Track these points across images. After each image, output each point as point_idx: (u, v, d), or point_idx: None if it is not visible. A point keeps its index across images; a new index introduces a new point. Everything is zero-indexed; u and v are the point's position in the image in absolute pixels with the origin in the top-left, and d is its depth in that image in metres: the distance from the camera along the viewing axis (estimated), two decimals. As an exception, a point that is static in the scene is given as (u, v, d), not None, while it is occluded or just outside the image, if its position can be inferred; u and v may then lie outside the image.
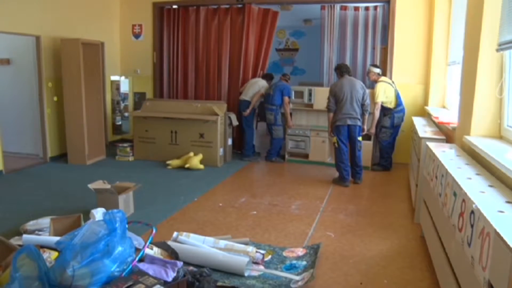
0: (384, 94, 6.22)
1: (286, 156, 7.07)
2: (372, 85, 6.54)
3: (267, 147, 7.31)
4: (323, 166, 6.68)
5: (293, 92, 6.91)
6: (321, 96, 6.61)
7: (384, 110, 6.30)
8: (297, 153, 7.01)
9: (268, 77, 7.26)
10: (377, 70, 6.47)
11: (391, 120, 6.32)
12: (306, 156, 6.92)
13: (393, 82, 6.41)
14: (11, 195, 5.03)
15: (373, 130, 6.29)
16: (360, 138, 5.69)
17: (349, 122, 5.56)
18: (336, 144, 5.67)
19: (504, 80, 3.13)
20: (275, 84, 6.97)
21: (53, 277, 2.44)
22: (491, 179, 2.49)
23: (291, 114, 6.93)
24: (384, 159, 6.51)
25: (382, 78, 6.39)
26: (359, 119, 5.61)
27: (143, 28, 8.02)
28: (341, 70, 5.75)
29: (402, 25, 6.67)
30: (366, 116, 5.79)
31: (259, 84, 7.05)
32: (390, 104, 6.27)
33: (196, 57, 7.79)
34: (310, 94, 6.82)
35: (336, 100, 5.60)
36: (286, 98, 6.82)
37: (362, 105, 5.64)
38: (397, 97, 6.33)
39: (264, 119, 7.22)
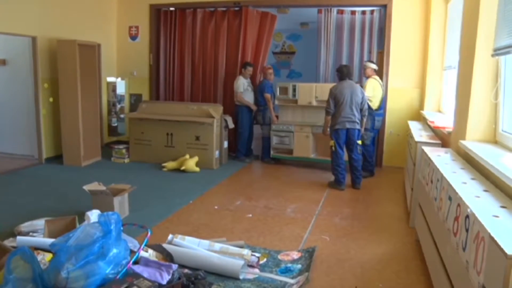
0: (373, 91, 6.14)
1: (272, 152, 7.02)
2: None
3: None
4: (312, 166, 6.68)
5: (278, 88, 6.90)
6: (304, 92, 6.64)
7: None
8: (282, 149, 6.97)
9: (245, 66, 7.15)
10: (374, 66, 6.39)
11: (372, 122, 6.20)
12: (291, 152, 6.89)
13: (382, 84, 6.37)
14: (5, 196, 5.00)
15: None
16: (359, 142, 5.66)
17: (348, 125, 5.50)
18: (333, 148, 5.60)
19: (500, 85, 3.15)
20: (258, 86, 7.08)
21: (47, 279, 2.43)
22: (486, 184, 2.50)
23: (277, 115, 6.96)
24: (369, 163, 6.35)
25: (375, 76, 6.33)
26: (357, 123, 5.57)
27: (140, 30, 8.01)
28: (343, 73, 5.63)
29: (399, 29, 6.70)
30: (364, 120, 5.75)
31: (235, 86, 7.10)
32: (374, 104, 6.17)
33: (193, 60, 7.79)
34: (294, 90, 6.76)
35: (335, 103, 5.53)
36: (266, 95, 6.87)
37: (361, 109, 5.60)
38: (382, 100, 6.31)
39: (259, 123, 7.26)
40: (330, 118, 5.61)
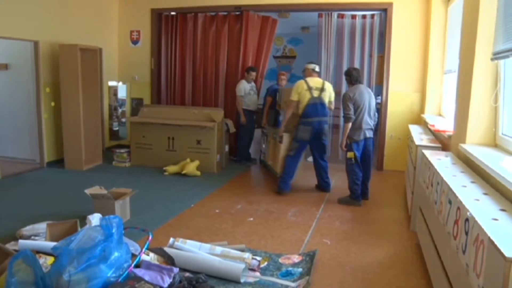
0: (298, 95, 5.40)
1: (262, 156, 7.12)
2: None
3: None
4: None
5: (277, 93, 6.83)
6: (284, 96, 6.36)
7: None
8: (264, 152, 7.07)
9: (248, 70, 7.08)
10: (312, 66, 5.63)
11: (296, 131, 5.47)
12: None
13: (313, 87, 5.41)
14: (7, 200, 5.01)
15: (281, 133, 5.78)
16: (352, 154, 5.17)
17: (368, 134, 5.08)
18: (353, 160, 5.06)
19: (499, 89, 3.17)
20: (267, 89, 7.17)
21: (49, 282, 2.45)
22: (486, 187, 2.51)
23: (279, 116, 6.99)
24: (281, 178, 5.61)
25: (308, 78, 5.50)
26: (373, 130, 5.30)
27: (141, 34, 8.05)
28: (354, 77, 5.14)
29: (399, 33, 6.72)
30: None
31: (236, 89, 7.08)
32: (299, 109, 5.40)
33: (194, 64, 7.81)
34: (280, 94, 6.61)
35: (355, 109, 5.00)
36: (268, 98, 6.91)
37: (373, 115, 5.19)
38: (310, 106, 5.39)
39: (260, 126, 7.28)
40: (350, 125, 5.03)
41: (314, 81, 5.48)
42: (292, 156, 5.56)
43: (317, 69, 5.66)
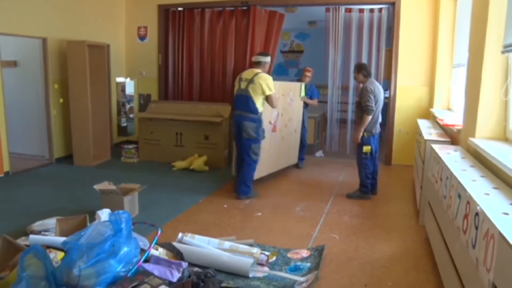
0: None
1: None
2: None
3: None
4: (320, 165, 6.67)
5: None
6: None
7: None
8: None
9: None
10: (254, 57, 5.46)
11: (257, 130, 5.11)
12: None
13: (242, 79, 5.14)
14: (17, 196, 5.06)
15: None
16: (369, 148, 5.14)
17: (379, 129, 5.18)
18: (369, 154, 5.07)
19: (509, 82, 3.13)
20: None
21: (60, 277, 2.47)
22: (496, 181, 2.49)
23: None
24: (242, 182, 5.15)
25: (247, 70, 5.34)
26: None
27: (149, 30, 8.05)
28: (368, 70, 5.11)
29: (407, 27, 6.67)
30: None
31: None
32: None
33: (201, 59, 7.80)
34: None
35: (374, 102, 4.94)
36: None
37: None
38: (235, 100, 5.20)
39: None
40: (370, 117, 4.93)
41: (247, 72, 5.20)
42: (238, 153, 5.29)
43: (254, 58, 5.29)
